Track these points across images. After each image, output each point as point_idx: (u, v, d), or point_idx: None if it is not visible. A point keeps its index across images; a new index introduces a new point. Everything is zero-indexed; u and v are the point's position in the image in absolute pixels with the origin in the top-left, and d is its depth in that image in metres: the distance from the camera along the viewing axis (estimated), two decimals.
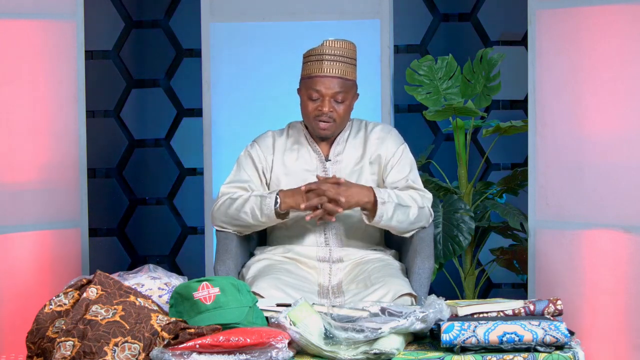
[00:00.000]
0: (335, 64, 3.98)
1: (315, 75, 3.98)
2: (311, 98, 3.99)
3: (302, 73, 4.05)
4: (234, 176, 4.10)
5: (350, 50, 4.02)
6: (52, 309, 3.24)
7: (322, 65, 3.98)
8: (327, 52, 3.98)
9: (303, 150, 4.09)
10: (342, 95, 3.98)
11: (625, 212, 4.38)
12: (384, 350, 3.11)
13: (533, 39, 4.60)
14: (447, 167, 5.51)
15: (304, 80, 4.03)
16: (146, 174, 6.08)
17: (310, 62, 4.01)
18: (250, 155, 4.10)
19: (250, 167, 4.09)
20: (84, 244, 4.83)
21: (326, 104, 3.97)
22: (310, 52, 4.02)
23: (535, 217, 4.63)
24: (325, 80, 3.97)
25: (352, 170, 4.05)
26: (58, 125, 4.75)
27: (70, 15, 4.78)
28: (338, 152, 4.07)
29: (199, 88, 5.33)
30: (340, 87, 3.98)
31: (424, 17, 5.91)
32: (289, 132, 4.14)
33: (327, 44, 3.99)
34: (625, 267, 4.39)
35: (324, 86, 3.97)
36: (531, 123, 4.64)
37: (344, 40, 4.02)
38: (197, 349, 3.05)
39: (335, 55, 3.98)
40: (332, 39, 4.02)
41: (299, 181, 4.02)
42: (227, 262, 4.06)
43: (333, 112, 3.98)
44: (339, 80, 3.98)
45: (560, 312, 3.32)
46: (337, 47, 4.00)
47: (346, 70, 3.99)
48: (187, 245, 6.07)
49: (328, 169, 4.05)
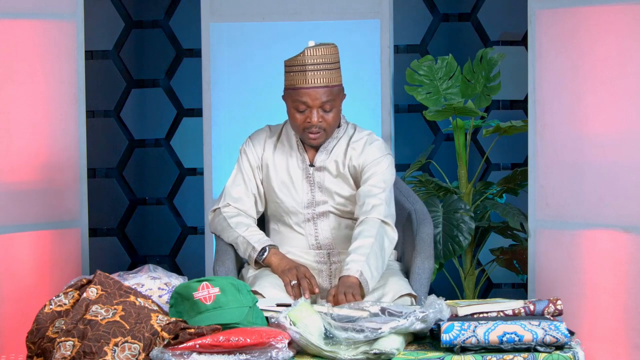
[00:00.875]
0: (319, 73, 3.88)
1: (300, 87, 3.88)
2: (298, 110, 3.90)
3: (285, 82, 3.94)
4: (232, 185, 4.08)
5: (332, 55, 3.91)
6: (52, 309, 3.24)
7: (306, 76, 3.87)
8: (310, 62, 3.87)
9: (291, 153, 4.04)
10: (329, 104, 3.89)
11: (625, 212, 4.38)
12: (384, 350, 3.11)
13: (533, 39, 4.60)
14: (447, 167, 5.51)
15: (289, 91, 3.93)
16: (146, 174, 6.08)
17: (293, 73, 3.89)
18: (245, 153, 4.08)
19: (247, 167, 4.07)
20: (84, 244, 4.82)
21: (314, 115, 3.89)
22: (292, 62, 3.91)
23: (535, 217, 4.63)
24: (310, 92, 3.87)
25: (335, 178, 4.01)
26: (58, 125, 4.75)
27: (70, 15, 4.77)
28: (323, 159, 4.01)
29: (199, 88, 5.33)
30: (327, 96, 3.89)
31: (424, 17, 5.91)
32: (282, 131, 4.09)
33: (308, 52, 3.87)
34: (625, 267, 4.39)
35: (310, 98, 3.88)
36: (531, 123, 4.63)
37: (324, 46, 3.91)
38: (197, 349, 3.05)
39: (318, 64, 3.87)
40: (312, 45, 3.90)
41: (279, 183, 4.02)
42: (227, 262, 4.06)
43: (322, 122, 3.90)
44: (325, 90, 3.88)
45: (560, 312, 3.32)
46: (319, 54, 3.88)
47: (331, 77, 3.90)
48: (187, 245, 6.07)
49: (312, 175, 4.01)
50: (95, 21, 5.76)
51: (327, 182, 4.00)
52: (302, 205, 4.00)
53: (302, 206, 4.00)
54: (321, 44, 3.92)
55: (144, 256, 6.07)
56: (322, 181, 4.00)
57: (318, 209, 4.01)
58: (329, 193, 4.00)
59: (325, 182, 4.00)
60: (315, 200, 4.01)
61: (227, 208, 4.07)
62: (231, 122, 5.28)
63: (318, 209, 4.01)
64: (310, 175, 4.01)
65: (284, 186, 4.02)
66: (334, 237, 4.03)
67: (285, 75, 3.93)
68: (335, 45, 3.95)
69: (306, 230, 4.04)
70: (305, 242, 4.05)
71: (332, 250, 4.03)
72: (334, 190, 4.00)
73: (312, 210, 4.01)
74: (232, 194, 4.07)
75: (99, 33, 5.91)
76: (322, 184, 4.00)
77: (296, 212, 4.01)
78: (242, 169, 4.08)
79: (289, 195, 4.01)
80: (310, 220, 4.02)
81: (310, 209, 4.01)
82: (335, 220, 4.03)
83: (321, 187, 4.00)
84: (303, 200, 4.00)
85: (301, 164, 4.02)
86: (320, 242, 4.03)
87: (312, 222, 4.02)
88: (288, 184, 4.02)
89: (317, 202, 4.01)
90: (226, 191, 4.09)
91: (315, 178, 4.01)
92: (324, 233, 4.03)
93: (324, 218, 4.02)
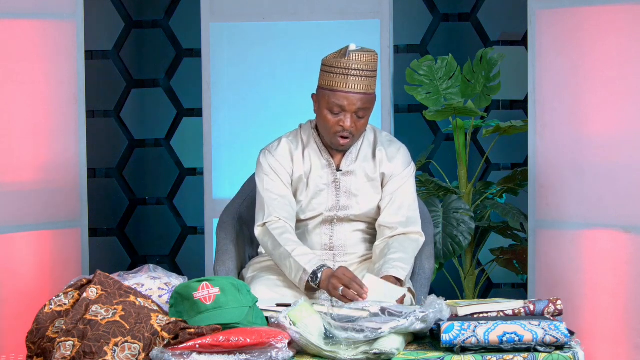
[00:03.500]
0: (360, 80, 3.80)
1: (339, 90, 3.80)
2: (332, 112, 3.83)
3: (321, 81, 3.86)
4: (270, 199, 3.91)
5: (374, 63, 3.84)
6: (52, 309, 3.24)
7: (348, 80, 3.79)
8: (353, 67, 3.79)
9: (318, 159, 3.96)
10: (364, 111, 3.83)
11: (625, 212, 4.38)
12: (384, 350, 3.11)
13: (533, 39, 4.60)
14: (447, 167, 5.51)
15: (325, 91, 3.84)
16: (146, 174, 6.09)
17: (334, 74, 3.81)
18: (273, 169, 3.93)
19: (278, 182, 3.93)
20: (84, 244, 4.82)
21: (348, 120, 3.82)
22: (334, 63, 3.82)
23: (535, 217, 4.63)
24: (349, 96, 3.80)
25: (364, 183, 3.97)
26: (58, 125, 4.75)
27: (70, 15, 4.78)
28: (350, 163, 3.95)
29: (199, 88, 5.33)
30: (363, 104, 3.82)
31: (424, 17, 5.91)
32: (302, 137, 3.99)
33: (353, 57, 3.80)
34: (625, 267, 4.39)
35: (347, 102, 3.80)
36: (531, 123, 4.64)
37: (368, 53, 3.82)
38: (197, 349, 3.05)
39: (361, 70, 3.80)
40: (355, 49, 3.82)
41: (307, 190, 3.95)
42: (227, 262, 4.06)
43: (353, 128, 3.84)
44: (363, 96, 3.81)
45: (560, 312, 3.32)
46: (363, 60, 3.80)
47: (370, 85, 3.82)
48: (187, 245, 6.07)
49: (339, 180, 3.95)
50: (95, 21, 5.76)
51: (354, 187, 3.95)
52: (326, 208, 3.96)
53: (325, 209, 3.96)
54: (364, 50, 3.84)
55: (144, 256, 6.07)
56: (349, 186, 3.95)
57: (340, 213, 3.96)
58: (355, 198, 3.96)
59: (352, 188, 3.95)
60: (340, 205, 3.95)
61: (277, 224, 3.89)
62: (231, 122, 5.28)
63: (340, 213, 3.96)
64: (337, 180, 3.95)
65: (312, 192, 3.95)
66: (347, 240, 4.01)
67: (323, 74, 3.85)
68: (376, 53, 3.87)
69: (322, 231, 3.99)
70: (318, 242, 4.00)
71: (341, 251, 4.01)
72: (361, 196, 3.95)
73: (334, 213, 3.96)
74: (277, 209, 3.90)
75: (99, 33, 5.91)
76: (349, 189, 3.95)
77: (317, 215, 3.98)
78: (273, 181, 3.93)
79: (315, 200, 3.96)
80: (328, 222, 3.98)
81: (333, 212, 3.96)
82: (353, 225, 3.99)
83: (347, 192, 3.95)
84: (328, 205, 3.95)
85: (327, 168, 3.95)
86: (333, 244, 4.00)
87: (330, 225, 3.98)
88: (315, 190, 3.95)
89: (340, 206, 3.96)
90: (268, 205, 3.91)
91: (342, 183, 3.96)
92: (338, 235, 4.00)
93: (343, 223, 3.98)
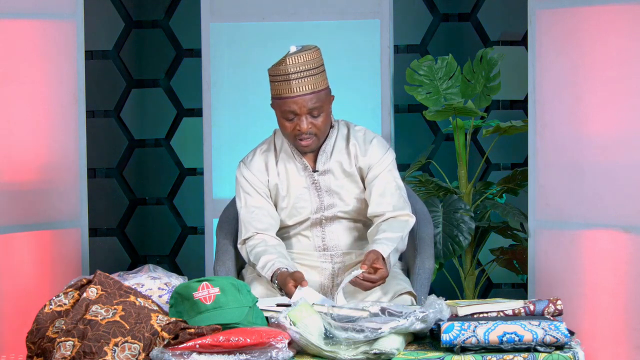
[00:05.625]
0: (304, 81, 3.80)
1: (286, 96, 3.81)
2: (287, 118, 3.83)
3: (271, 92, 3.87)
4: (248, 213, 3.94)
5: (314, 60, 3.83)
6: (52, 309, 3.24)
7: (291, 85, 3.79)
8: (293, 71, 3.79)
9: (292, 163, 3.97)
10: (317, 109, 3.83)
11: (625, 212, 4.38)
12: (384, 350, 3.11)
13: (533, 39, 4.60)
14: (447, 167, 5.51)
15: (275, 100, 3.85)
16: (146, 174, 6.09)
17: (278, 83, 3.82)
18: (248, 182, 3.96)
19: (254, 194, 3.96)
20: (84, 244, 4.82)
21: (304, 123, 3.82)
22: (275, 72, 3.83)
23: (535, 217, 4.63)
24: (297, 100, 3.80)
25: (343, 179, 3.97)
26: (58, 125, 4.75)
27: (70, 15, 4.78)
28: (325, 161, 3.95)
29: (199, 88, 5.33)
30: (315, 102, 3.81)
31: (424, 17, 5.91)
32: (276, 143, 4.00)
33: (289, 61, 3.79)
34: (625, 267, 4.39)
35: (297, 106, 3.80)
36: (531, 123, 4.64)
37: (306, 52, 3.82)
38: (197, 349, 3.05)
39: (301, 71, 3.80)
40: (294, 51, 3.83)
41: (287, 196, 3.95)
42: (227, 262, 4.06)
43: (312, 128, 3.84)
44: (312, 96, 3.81)
45: (560, 312, 3.32)
46: (301, 62, 3.80)
47: (316, 83, 3.82)
48: (187, 245, 6.07)
49: (318, 181, 3.95)
50: (95, 21, 5.76)
51: (333, 184, 3.96)
52: (311, 211, 3.97)
53: (311, 212, 3.97)
54: (302, 49, 3.84)
55: (144, 256, 6.07)
56: (328, 184, 3.96)
57: (327, 213, 3.97)
58: (337, 195, 3.97)
59: (332, 185, 3.96)
60: (324, 205, 3.97)
61: (252, 241, 3.94)
62: (231, 122, 5.28)
63: (327, 213, 3.97)
64: (316, 181, 3.96)
65: (293, 197, 3.96)
66: (340, 239, 4.01)
67: (271, 84, 3.86)
68: (317, 48, 3.87)
69: (313, 234, 4.00)
70: (311, 245, 4.01)
71: (337, 251, 4.01)
72: (342, 192, 3.97)
73: (321, 214, 3.97)
74: (253, 223, 3.94)
75: (99, 33, 5.91)
76: (329, 187, 3.96)
77: (305, 220, 3.99)
78: (249, 195, 3.96)
79: (299, 204, 3.96)
80: (318, 224, 3.99)
81: (319, 213, 3.97)
82: (343, 223, 4.00)
83: (328, 190, 3.96)
84: (312, 207, 3.97)
85: (303, 171, 3.96)
86: (327, 245, 4.01)
87: (320, 226, 3.99)
88: (296, 194, 3.96)
89: (325, 206, 3.97)
90: (245, 221, 3.95)
91: (321, 183, 3.96)
92: (330, 235, 4.00)
93: (333, 222, 3.98)
